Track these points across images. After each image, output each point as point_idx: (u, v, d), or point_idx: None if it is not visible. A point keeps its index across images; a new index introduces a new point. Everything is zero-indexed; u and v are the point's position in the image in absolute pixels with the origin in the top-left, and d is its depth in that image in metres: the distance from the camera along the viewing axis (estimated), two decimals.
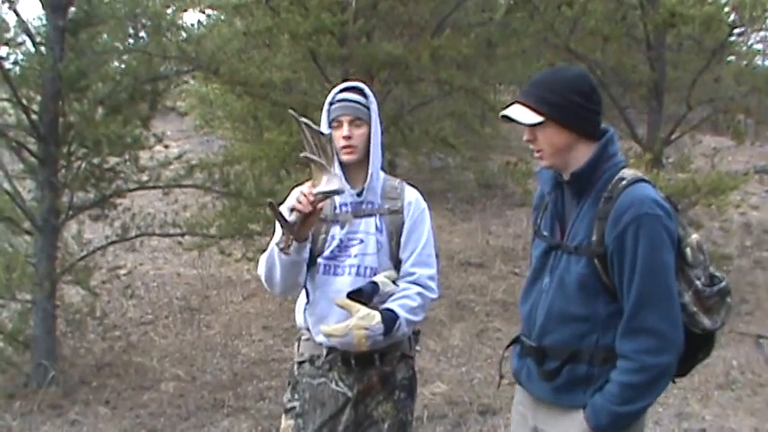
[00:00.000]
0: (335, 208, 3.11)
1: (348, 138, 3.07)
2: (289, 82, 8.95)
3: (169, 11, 7.54)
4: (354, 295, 2.95)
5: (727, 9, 8.85)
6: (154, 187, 7.45)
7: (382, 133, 3.27)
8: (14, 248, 6.79)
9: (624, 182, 2.56)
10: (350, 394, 3.06)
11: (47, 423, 6.07)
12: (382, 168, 3.23)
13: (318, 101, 9.10)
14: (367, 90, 3.15)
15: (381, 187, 3.18)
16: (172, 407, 6.36)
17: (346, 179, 3.06)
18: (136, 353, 7.62)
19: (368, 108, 3.12)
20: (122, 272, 8.84)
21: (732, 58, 11.49)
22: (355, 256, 3.07)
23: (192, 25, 9.19)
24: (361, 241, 3.09)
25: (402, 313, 2.98)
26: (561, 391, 2.64)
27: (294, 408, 3.14)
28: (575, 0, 8.92)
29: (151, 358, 7.43)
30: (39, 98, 6.69)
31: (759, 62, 12.68)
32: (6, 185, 6.71)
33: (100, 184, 7.11)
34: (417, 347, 3.39)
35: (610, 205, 2.53)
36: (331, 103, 3.14)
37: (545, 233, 2.76)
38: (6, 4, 6.53)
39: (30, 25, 6.73)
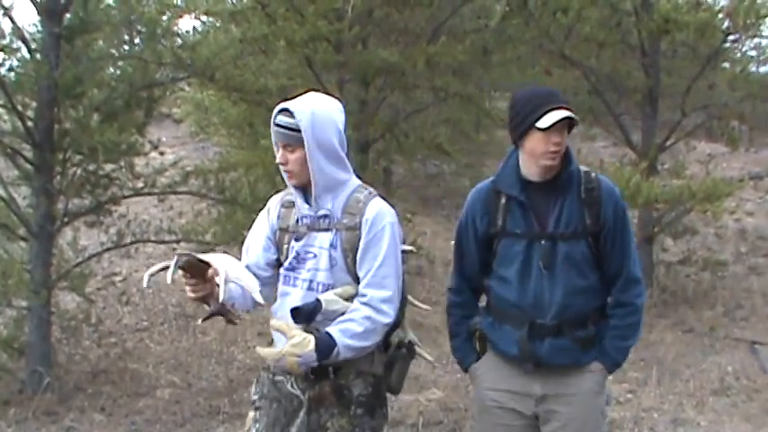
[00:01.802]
0: (297, 220, 3.05)
1: (284, 164, 3.02)
2: (284, 89, 8.93)
3: (164, 17, 7.53)
4: (296, 313, 2.89)
5: (721, 16, 8.90)
6: (149, 194, 7.45)
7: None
8: (10, 255, 6.78)
9: (592, 174, 3.18)
10: (302, 398, 3.02)
11: (42, 430, 6.06)
12: (359, 176, 3.11)
13: None
14: (297, 110, 2.97)
15: (345, 201, 2.99)
16: (167, 413, 6.35)
17: (308, 195, 3.02)
18: (131, 359, 7.61)
19: (298, 130, 2.94)
20: (118, 278, 8.85)
21: (726, 64, 11.54)
22: (309, 270, 3.00)
23: (188, 32, 9.17)
24: (315, 256, 2.99)
25: (341, 339, 2.85)
26: (579, 352, 3.15)
27: (255, 401, 3.15)
28: (570, 7, 8.94)
29: (147, 365, 7.42)
30: (34, 105, 6.69)
31: (753, 69, 12.71)
32: (1, 192, 6.71)
33: (95, 191, 7.11)
34: (425, 354, 3.32)
35: (596, 193, 3.12)
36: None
37: (517, 231, 3.14)
38: (1, 11, 6.53)
39: (25, 32, 6.72)
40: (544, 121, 3.00)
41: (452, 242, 3.39)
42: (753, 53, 13.99)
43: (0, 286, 6.35)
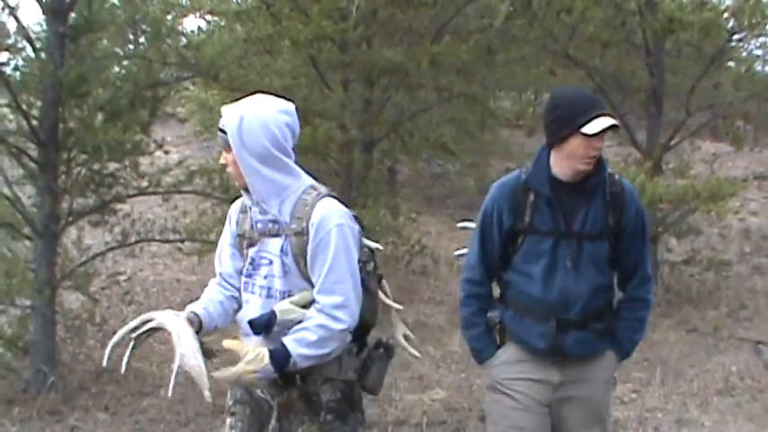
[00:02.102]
0: (252, 226, 2.99)
1: (225, 166, 2.98)
2: (289, 88, 8.95)
3: (169, 17, 7.54)
4: (252, 326, 2.88)
5: (726, 15, 8.87)
6: (154, 193, 7.45)
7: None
8: (14, 254, 6.79)
9: (616, 176, 3.34)
10: (272, 403, 3.00)
11: (46, 429, 6.07)
12: (314, 177, 3.02)
13: (319, 107, 9.19)
14: (225, 114, 2.90)
15: (293, 205, 2.89)
16: (171, 413, 6.35)
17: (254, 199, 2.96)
18: (135, 359, 7.52)
19: (226, 132, 2.88)
20: (122, 278, 8.85)
21: (731, 63, 11.52)
22: (265, 277, 2.95)
23: (192, 31, 9.17)
24: (270, 262, 2.93)
25: (296, 349, 2.80)
26: (598, 342, 3.35)
27: (230, 406, 3.15)
28: (574, 6, 8.93)
29: (150, 364, 7.41)
30: (39, 104, 6.70)
31: (758, 68, 12.67)
32: (6, 191, 6.71)
33: (100, 190, 7.11)
34: (413, 350, 3.37)
35: (620, 197, 3.28)
36: None
37: (544, 228, 3.23)
38: (6, 10, 6.54)
39: (30, 31, 6.73)
40: (591, 128, 3.08)
41: (473, 233, 3.43)
42: (758, 52, 13.95)
43: (4, 285, 6.35)
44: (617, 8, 9.55)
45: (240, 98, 2.93)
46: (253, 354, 2.80)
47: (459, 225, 4.80)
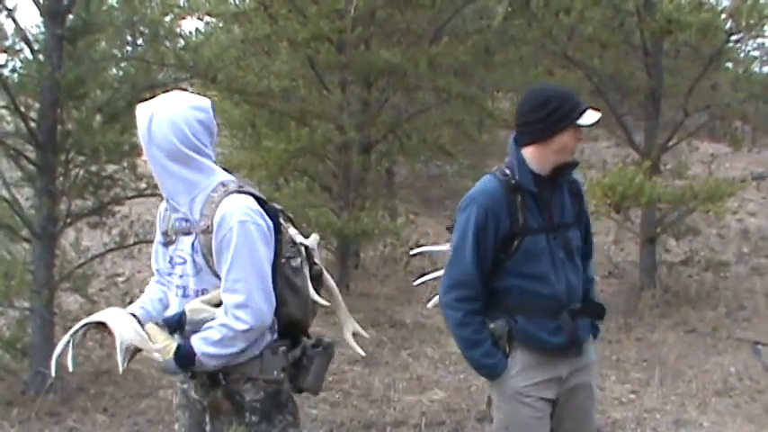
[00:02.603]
0: (172, 224, 2.97)
1: (146, 161, 2.96)
2: (287, 90, 8.97)
3: (167, 18, 7.54)
4: (167, 325, 2.87)
5: (723, 16, 8.89)
6: (152, 195, 7.44)
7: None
8: (12, 256, 6.78)
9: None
10: (204, 403, 2.99)
11: (45, 430, 6.06)
12: (230, 171, 2.98)
13: (317, 108, 9.19)
14: (137, 111, 2.92)
15: (203, 202, 2.85)
16: (170, 414, 6.31)
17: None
18: (134, 360, 7.58)
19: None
20: (120, 279, 8.85)
21: (729, 64, 11.53)
22: (180, 276, 2.93)
23: (190, 33, 9.17)
24: (185, 261, 2.90)
25: (200, 347, 2.78)
26: (589, 326, 3.45)
27: (175, 410, 3.15)
28: (572, 7, 8.94)
29: (149, 366, 7.39)
30: (37, 106, 6.69)
31: (756, 69, 12.71)
32: (4, 193, 6.71)
33: (98, 192, 7.11)
34: (358, 349, 3.30)
35: (577, 184, 3.44)
36: None
37: (536, 225, 3.26)
38: (4, 12, 6.53)
39: (28, 33, 6.72)
40: (586, 119, 3.22)
41: (456, 250, 3.31)
42: (756, 53, 14.00)
43: (3, 287, 6.34)
44: (615, 9, 9.56)
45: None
46: (162, 344, 2.79)
47: (416, 252, 4.85)
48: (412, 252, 4.24)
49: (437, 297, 3.46)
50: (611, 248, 11.70)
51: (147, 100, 3.00)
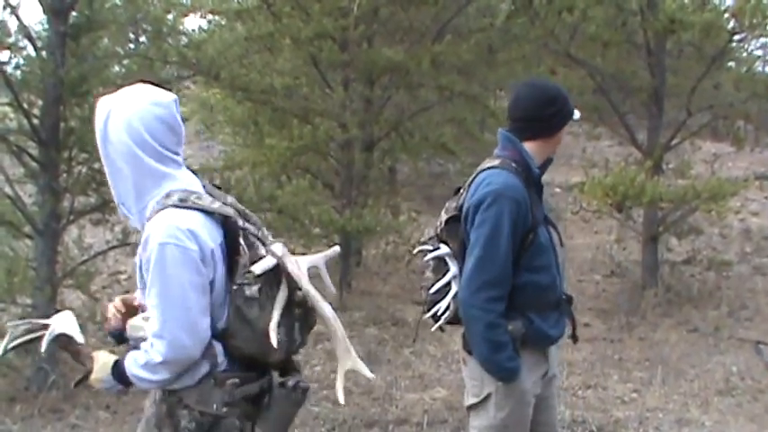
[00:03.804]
0: None
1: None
2: (289, 87, 8.97)
3: (170, 16, 7.57)
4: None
5: (726, 15, 8.87)
6: None
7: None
8: (15, 253, 6.80)
9: None
10: (152, 410, 2.78)
11: (47, 427, 6.08)
12: (196, 174, 2.81)
13: (319, 106, 9.19)
14: (98, 105, 2.71)
15: (151, 213, 2.59)
16: None
17: None
18: None
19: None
20: (123, 276, 8.85)
21: (732, 64, 11.52)
22: (139, 289, 2.69)
23: (193, 30, 9.21)
24: (141, 276, 2.64)
25: (129, 368, 2.62)
26: None
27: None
28: (575, 6, 8.93)
29: None
30: (40, 103, 6.71)
31: (759, 68, 12.70)
32: (7, 190, 6.72)
33: (100, 189, 7.11)
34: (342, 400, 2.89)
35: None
36: None
37: (540, 217, 3.31)
38: (8, 9, 6.55)
39: (31, 30, 6.74)
40: (576, 113, 3.34)
41: (485, 246, 3.16)
42: (759, 53, 13.96)
43: (5, 284, 6.36)
44: (618, 8, 9.55)
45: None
46: (105, 358, 2.69)
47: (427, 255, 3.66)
48: (414, 251, 3.91)
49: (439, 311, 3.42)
50: (613, 247, 11.68)
51: None
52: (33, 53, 6.72)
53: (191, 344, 2.55)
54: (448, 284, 3.37)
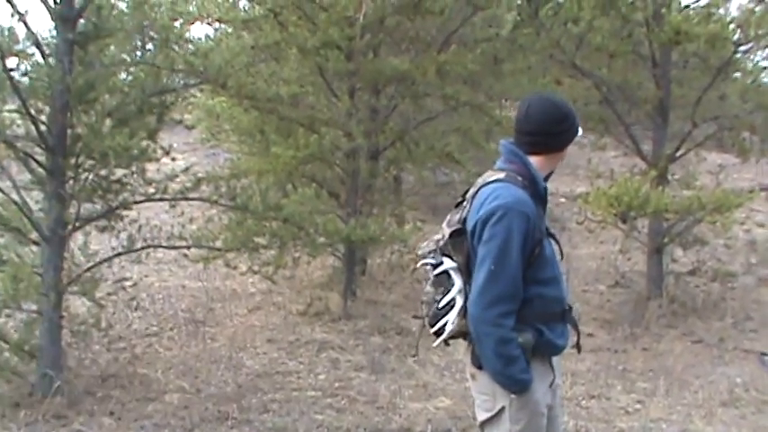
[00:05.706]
0: None
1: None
2: (296, 96, 8.99)
3: (177, 24, 7.58)
4: None
5: (732, 27, 8.89)
6: (161, 199, 7.47)
7: None
8: (21, 259, 6.81)
9: None
10: None
11: None
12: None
13: (325, 115, 9.22)
14: None
15: None
16: (176, 418, 6.36)
17: None
18: (140, 364, 7.63)
19: None
20: (128, 283, 8.86)
21: (737, 75, 11.51)
22: None
23: (200, 38, 9.25)
24: None
25: None
26: None
27: None
28: (581, 17, 8.96)
29: (156, 370, 7.44)
30: (47, 109, 6.72)
31: (764, 79, 12.66)
32: (14, 196, 6.74)
33: (107, 196, 7.14)
34: None
35: None
36: None
37: (545, 230, 3.30)
38: (16, 17, 6.57)
39: (39, 37, 6.76)
40: (580, 129, 3.36)
41: (495, 263, 3.12)
42: (764, 64, 13.92)
43: (11, 290, 6.37)
44: (624, 19, 9.57)
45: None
46: None
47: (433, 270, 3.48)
48: (418, 264, 3.80)
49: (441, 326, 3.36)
50: (617, 258, 11.69)
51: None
52: (41, 60, 6.75)
53: None
54: (452, 299, 3.31)
